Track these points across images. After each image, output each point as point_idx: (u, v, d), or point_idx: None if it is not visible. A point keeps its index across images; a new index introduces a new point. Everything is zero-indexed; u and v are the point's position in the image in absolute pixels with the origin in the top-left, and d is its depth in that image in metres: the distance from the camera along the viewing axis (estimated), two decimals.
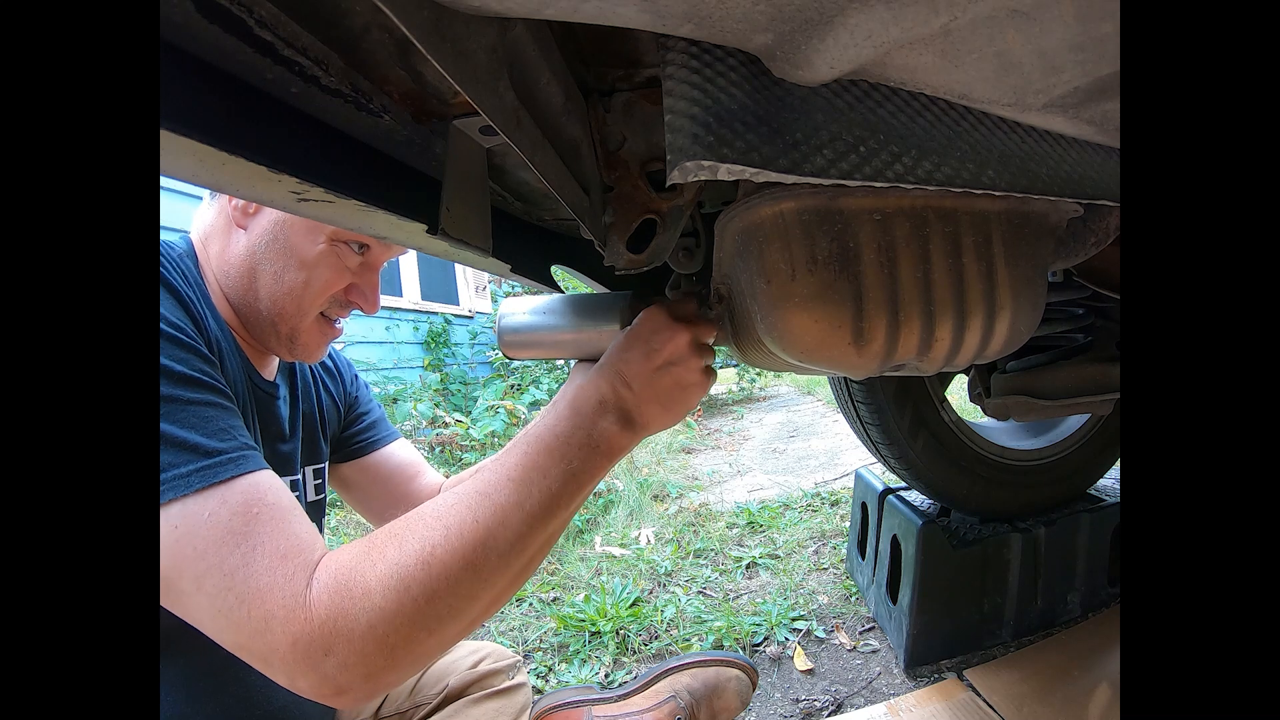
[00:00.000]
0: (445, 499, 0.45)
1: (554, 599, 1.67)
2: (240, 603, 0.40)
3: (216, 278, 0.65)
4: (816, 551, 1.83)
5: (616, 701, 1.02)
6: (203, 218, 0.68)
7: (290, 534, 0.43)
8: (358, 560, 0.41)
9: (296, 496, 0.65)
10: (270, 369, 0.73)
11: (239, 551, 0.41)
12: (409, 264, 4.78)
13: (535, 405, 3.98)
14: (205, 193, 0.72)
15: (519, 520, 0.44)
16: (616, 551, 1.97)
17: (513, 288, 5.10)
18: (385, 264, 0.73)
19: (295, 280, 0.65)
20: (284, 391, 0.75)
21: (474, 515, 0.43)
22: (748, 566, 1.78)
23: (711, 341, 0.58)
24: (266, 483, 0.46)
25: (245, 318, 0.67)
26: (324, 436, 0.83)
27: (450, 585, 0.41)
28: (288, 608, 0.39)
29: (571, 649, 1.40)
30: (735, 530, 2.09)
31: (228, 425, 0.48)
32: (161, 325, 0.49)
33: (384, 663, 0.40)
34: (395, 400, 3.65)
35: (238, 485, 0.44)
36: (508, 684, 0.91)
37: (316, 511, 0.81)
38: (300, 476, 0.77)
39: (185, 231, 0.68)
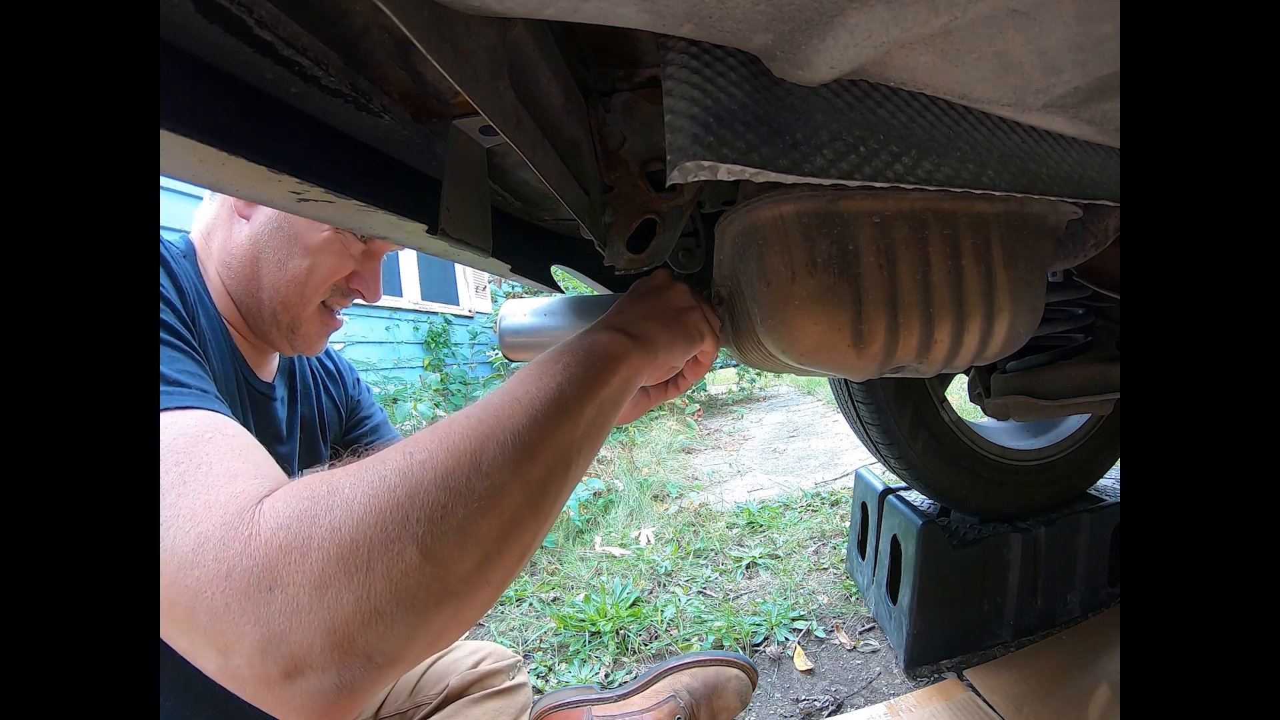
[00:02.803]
0: None
1: (554, 599, 1.67)
2: (165, 530, 0.29)
3: (218, 271, 0.66)
4: (816, 551, 1.83)
5: (616, 701, 1.02)
6: (204, 213, 0.68)
7: (248, 459, 0.34)
8: (332, 470, 0.32)
9: None
10: (268, 370, 0.73)
11: (176, 470, 0.32)
12: (409, 264, 4.77)
13: None
14: (206, 192, 0.72)
15: (516, 412, 0.36)
16: (616, 551, 1.97)
17: (513, 288, 5.10)
18: (386, 256, 0.73)
19: (299, 267, 0.65)
20: (282, 393, 0.75)
21: (465, 413, 0.36)
22: (748, 566, 1.78)
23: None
24: (229, 421, 0.39)
25: (246, 310, 0.66)
26: (324, 440, 0.83)
27: (440, 478, 0.31)
28: (227, 525, 0.29)
29: (571, 649, 1.40)
30: (735, 530, 2.09)
31: (197, 371, 0.44)
32: None
33: (353, 605, 0.27)
34: (395, 400, 3.65)
35: (193, 413, 0.38)
36: (508, 684, 0.91)
37: None
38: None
39: (185, 231, 0.69)
